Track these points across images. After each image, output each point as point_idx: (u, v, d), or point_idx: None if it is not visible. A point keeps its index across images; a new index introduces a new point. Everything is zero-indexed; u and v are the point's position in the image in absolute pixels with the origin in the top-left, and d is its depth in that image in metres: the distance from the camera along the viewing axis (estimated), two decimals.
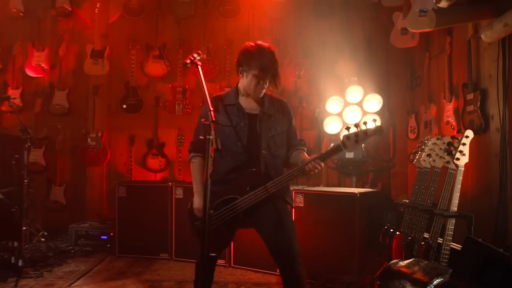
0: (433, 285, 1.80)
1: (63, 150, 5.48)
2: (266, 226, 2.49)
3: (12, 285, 3.48)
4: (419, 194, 2.93)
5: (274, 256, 2.49)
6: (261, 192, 2.42)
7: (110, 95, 5.51)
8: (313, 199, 3.65)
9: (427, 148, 2.92)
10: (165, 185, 4.39)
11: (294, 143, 2.67)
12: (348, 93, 4.58)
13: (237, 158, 2.49)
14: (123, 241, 4.42)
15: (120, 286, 3.51)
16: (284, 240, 2.43)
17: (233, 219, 2.46)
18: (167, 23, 5.50)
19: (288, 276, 2.43)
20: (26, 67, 5.40)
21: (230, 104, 2.58)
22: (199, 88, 5.40)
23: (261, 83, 2.48)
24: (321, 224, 3.54)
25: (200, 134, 2.63)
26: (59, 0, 5.40)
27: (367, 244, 3.40)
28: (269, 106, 2.60)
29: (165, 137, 5.34)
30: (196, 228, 2.60)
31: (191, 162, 2.65)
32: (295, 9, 5.33)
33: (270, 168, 2.52)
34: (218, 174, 2.58)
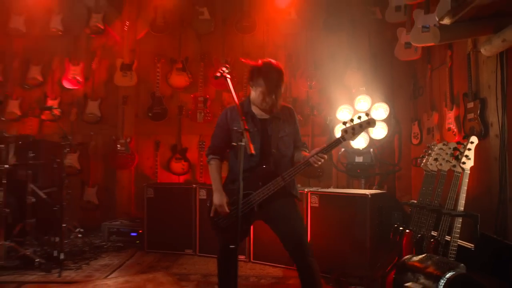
0: (446, 278, 1.83)
1: (95, 154, 5.56)
2: (277, 220, 2.58)
3: (56, 276, 3.57)
4: (426, 195, 2.96)
5: (286, 247, 2.58)
6: (272, 185, 2.50)
7: (138, 105, 5.57)
8: (327, 199, 3.69)
9: (433, 153, 2.95)
10: (189, 187, 4.45)
11: (298, 145, 2.77)
12: (357, 102, 4.61)
13: (251, 159, 2.53)
14: (151, 237, 4.48)
15: (152, 278, 3.56)
16: (294, 232, 2.53)
17: (249, 212, 2.54)
18: (189, 39, 5.57)
19: (301, 266, 2.53)
20: (63, 80, 5.50)
21: (245, 112, 2.66)
22: (218, 97, 5.48)
23: (267, 99, 2.56)
24: (334, 223, 3.58)
25: (217, 139, 2.73)
26: (93, 19, 5.52)
27: (377, 241, 3.43)
28: (278, 112, 2.68)
29: (187, 143, 5.38)
30: (216, 224, 2.67)
31: (210, 163, 2.73)
32: (306, 25, 5.37)
33: (279, 166, 2.61)
34: (234, 174, 2.65)
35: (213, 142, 2.73)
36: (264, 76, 2.54)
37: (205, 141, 5.31)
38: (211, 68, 5.39)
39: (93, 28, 5.54)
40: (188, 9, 5.51)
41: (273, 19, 5.41)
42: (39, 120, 5.58)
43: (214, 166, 2.68)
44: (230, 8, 5.48)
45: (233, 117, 2.63)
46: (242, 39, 5.49)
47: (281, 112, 2.68)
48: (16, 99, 5.55)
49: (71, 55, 5.60)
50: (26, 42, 5.71)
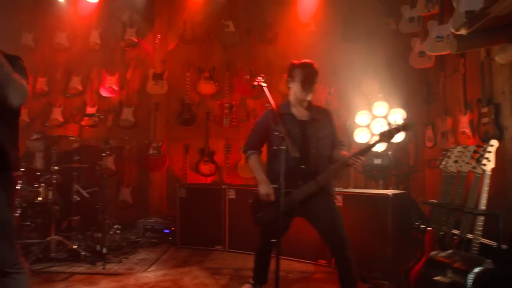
0: (474, 273, 1.85)
1: (130, 157, 5.66)
2: (317, 216, 2.61)
3: (100, 268, 3.67)
4: (446, 195, 2.96)
5: (326, 242, 2.61)
6: (312, 184, 2.54)
7: (168, 111, 5.66)
8: (350, 199, 3.71)
9: (453, 155, 2.96)
10: (219, 187, 4.51)
11: (336, 144, 2.79)
12: (375, 108, 4.63)
13: (291, 160, 2.58)
14: (184, 234, 4.56)
15: (187, 272, 3.63)
16: (333, 228, 2.55)
17: (290, 209, 2.57)
18: (216, 50, 5.64)
19: (341, 260, 2.54)
20: (100, 89, 5.64)
21: (285, 113, 2.71)
22: (243, 104, 5.54)
23: (305, 88, 2.63)
24: (357, 221, 3.59)
25: (255, 137, 2.80)
26: (127, 33, 5.64)
27: (398, 238, 3.44)
28: (316, 113, 2.74)
29: (214, 146, 5.45)
30: (258, 219, 2.72)
31: (250, 158, 2.78)
32: (325, 36, 5.40)
33: (318, 165, 2.64)
34: (273, 174, 2.69)
35: (251, 138, 2.80)
36: (300, 67, 2.68)
37: (231, 144, 5.38)
38: (236, 77, 5.45)
39: (128, 41, 5.66)
40: (214, 22, 5.59)
41: (294, 30, 5.46)
42: (79, 126, 5.72)
43: (254, 159, 2.74)
44: (254, 21, 5.54)
45: (274, 118, 2.68)
46: (265, 49, 5.54)
47: (319, 114, 2.73)
48: (59, 107, 5.71)
49: (107, 66, 5.74)
50: (68, 55, 5.89)
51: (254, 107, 5.46)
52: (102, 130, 5.62)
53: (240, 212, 4.35)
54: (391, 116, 4.53)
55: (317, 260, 3.86)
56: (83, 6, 5.59)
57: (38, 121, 5.72)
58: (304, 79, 2.64)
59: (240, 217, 4.34)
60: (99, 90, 5.65)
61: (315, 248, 3.82)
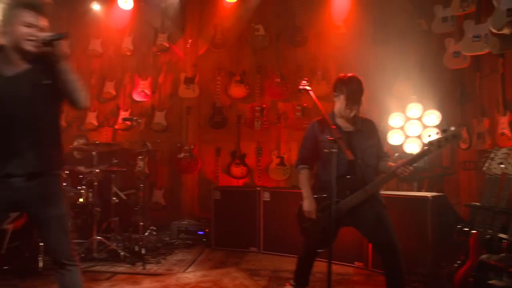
0: None
1: (162, 160, 5.79)
2: (366, 224, 2.60)
3: (140, 268, 3.76)
4: (490, 198, 2.92)
5: (377, 249, 2.61)
6: (360, 194, 2.55)
7: (200, 114, 5.75)
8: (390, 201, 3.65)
9: (497, 157, 2.92)
10: (254, 190, 4.56)
11: (381, 155, 2.79)
12: (408, 110, 4.60)
13: (339, 169, 2.58)
14: (218, 236, 4.63)
15: (226, 273, 3.69)
16: (385, 234, 2.54)
17: (338, 219, 2.59)
18: (246, 53, 5.71)
19: (391, 264, 2.54)
20: (133, 93, 5.78)
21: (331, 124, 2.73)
22: (274, 107, 5.59)
23: (350, 105, 2.64)
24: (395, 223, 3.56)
25: (306, 151, 2.83)
26: (159, 39, 5.78)
27: (438, 241, 3.41)
28: (361, 124, 2.75)
29: (246, 149, 5.51)
30: (305, 229, 2.75)
31: (300, 173, 2.82)
32: (355, 38, 5.38)
33: (364, 175, 2.64)
34: (322, 182, 2.73)
35: (302, 153, 2.84)
36: (346, 83, 2.67)
37: (262, 147, 5.44)
38: (267, 80, 5.51)
39: (159, 47, 5.79)
40: (244, 26, 5.66)
41: (324, 33, 5.47)
42: (113, 129, 5.88)
43: (304, 175, 2.77)
44: (284, 24, 5.58)
45: (320, 129, 2.72)
46: (295, 52, 5.57)
47: (364, 125, 2.75)
48: (94, 111, 5.90)
49: (140, 71, 5.89)
50: (102, 61, 6.08)
51: (284, 110, 5.50)
52: (135, 133, 5.76)
53: (274, 214, 4.39)
54: (425, 118, 4.50)
55: (353, 262, 3.87)
56: (117, 14, 5.75)
57: (74, 125, 5.90)
58: (349, 97, 2.65)
59: (274, 219, 4.38)
60: (132, 94, 5.79)
61: (351, 250, 3.83)
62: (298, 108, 5.37)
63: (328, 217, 2.56)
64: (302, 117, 5.34)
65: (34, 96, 2.01)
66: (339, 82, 2.74)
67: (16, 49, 2.00)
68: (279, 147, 5.43)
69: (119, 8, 5.64)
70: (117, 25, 5.88)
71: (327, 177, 2.68)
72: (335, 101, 2.78)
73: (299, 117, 5.35)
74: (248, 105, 5.53)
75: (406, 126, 4.55)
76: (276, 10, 5.64)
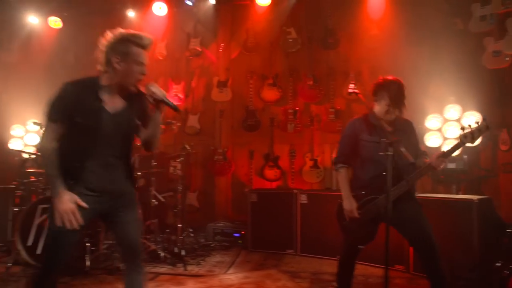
0: None
1: (196, 163, 5.87)
2: (404, 223, 2.61)
3: (181, 269, 3.85)
4: None
5: (415, 247, 2.61)
6: (397, 189, 2.55)
7: (233, 117, 5.81)
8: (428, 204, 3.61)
9: None
10: (291, 192, 4.59)
11: (419, 154, 2.79)
12: (446, 111, 4.55)
13: (378, 167, 2.60)
14: (255, 238, 4.68)
15: (267, 275, 3.73)
16: (422, 232, 2.55)
17: (377, 216, 2.61)
18: (278, 56, 5.75)
19: (430, 264, 2.53)
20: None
21: (372, 124, 2.75)
22: (307, 109, 5.60)
23: (391, 110, 2.65)
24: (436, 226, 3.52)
25: (345, 149, 2.84)
26: (191, 43, 5.89)
27: (485, 245, 3.35)
28: (400, 124, 2.75)
29: (279, 152, 5.53)
30: (345, 227, 2.77)
31: (339, 171, 2.83)
32: (388, 39, 5.34)
33: (402, 173, 2.65)
34: (360, 180, 2.75)
35: (341, 151, 2.85)
36: (386, 88, 2.67)
37: (295, 150, 5.46)
38: (299, 83, 5.53)
39: (192, 51, 5.90)
40: (276, 30, 5.70)
41: (356, 35, 5.46)
42: None
43: (343, 174, 2.79)
44: (315, 27, 5.60)
45: (361, 128, 2.73)
46: (327, 54, 5.57)
47: (403, 125, 2.76)
48: None
49: (173, 75, 6.00)
50: None
51: (317, 112, 5.50)
52: (169, 137, 5.88)
53: (312, 217, 4.41)
54: (464, 119, 4.42)
55: (393, 265, 3.84)
56: (151, 20, 5.88)
57: None
58: (391, 103, 2.65)
59: (312, 221, 4.41)
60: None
61: (391, 253, 3.75)
62: (331, 111, 5.37)
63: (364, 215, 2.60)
64: (335, 119, 5.35)
65: (128, 132, 2.17)
66: (379, 87, 2.73)
67: (119, 86, 2.08)
68: (312, 149, 5.44)
69: (154, 14, 5.78)
70: (151, 31, 6.00)
71: (365, 175, 2.72)
72: (375, 104, 2.78)
73: (333, 120, 5.35)
74: (281, 108, 5.57)
75: (444, 128, 4.49)
76: (308, 13, 5.66)
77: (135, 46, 2.05)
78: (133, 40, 2.05)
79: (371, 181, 2.66)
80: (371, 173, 2.68)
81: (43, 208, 3.89)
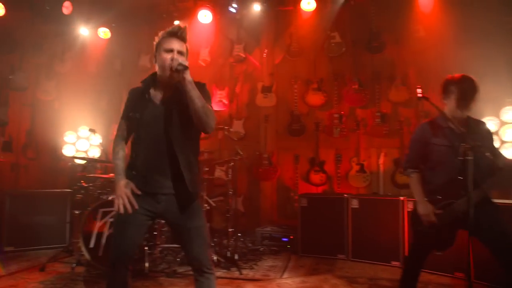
0: None
1: (241, 167, 5.94)
2: (483, 227, 2.52)
3: (237, 273, 3.89)
4: None
5: (496, 254, 2.52)
6: (477, 193, 2.49)
7: (277, 122, 5.86)
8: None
9: None
10: (342, 197, 4.58)
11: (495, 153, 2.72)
12: (503, 113, 4.43)
13: (452, 171, 2.57)
14: (305, 243, 4.68)
15: (324, 279, 3.73)
16: (504, 237, 2.46)
17: (454, 221, 2.56)
18: (322, 61, 5.75)
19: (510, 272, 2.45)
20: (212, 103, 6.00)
21: (443, 126, 2.72)
22: (352, 113, 5.58)
23: (460, 104, 2.61)
24: None
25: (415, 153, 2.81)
26: (235, 50, 5.99)
27: None
28: (473, 125, 2.70)
29: (324, 156, 5.53)
30: (419, 232, 2.74)
31: (411, 176, 2.80)
32: (435, 42, 5.26)
33: (476, 176, 2.59)
34: (433, 185, 2.69)
35: (411, 156, 2.82)
36: (455, 83, 2.66)
37: (341, 154, 5.44)
38: (344, 87, 5.52)
39: (236, 57, 6.01)
40: (320, 34, 5.71)
41: (401, 37, 5.40)
42: None
43: (415, 179, 2.76)
44: (360, 31, 5.58)
45: (431, 132, 2.71)
46: (371, 58, 5.54)
47: (476, 126, 2.71)
48: None
49: (217, 81, 6.12)
50: None
51: (363, 116, 5.48)
52: (214, 142, 6.00)
53: (363, 222, 4.39)
54: None
55: (453, 273, 3.77)
56: (196, 28, 6.03)
57: None
58: (460, 97, 2.62)
59: (364, 226, 4.38)
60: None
61: (451, 261, 3.72)
62: (377, 115, 5.34)
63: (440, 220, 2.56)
64: (381, 123, 5.30)
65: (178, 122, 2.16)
66: (447, 83, 2.72)
67: (161, 77, 2.23)
68: (358, 154, 5.41)
69: (199, 22, 5.92)
70: (196, 38, 6.15)
71: (440, 180, 2.67)
72: (445, 104, 2.76)
73: (379, 124, 5.31)
74: (326, 112, 5.58)
75: (502, 130, 4.37)
76: (352, 17, 5.66)
77: (163, 37, 2.24)
78: (163, 33, 2.25)
79: (446, 186, 2.62)
80: (444, 177, 2.64)
81: (104, 212, 4.04)
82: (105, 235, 3.93)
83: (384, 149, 5.34)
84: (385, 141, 5.33)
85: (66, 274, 3.88)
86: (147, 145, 2.18)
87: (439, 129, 2.71)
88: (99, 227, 4.00)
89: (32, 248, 4.82)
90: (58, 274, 3.89)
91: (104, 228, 3.99)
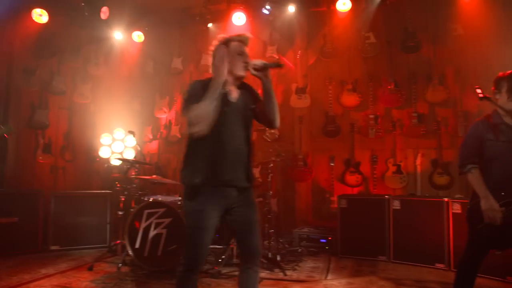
0: None
1: (275, 169, 5.96)
2: None
3: (280, 274, 3.94)
4: None
5: None
6: None
7: (312, 123, 5.86)
8: None
9: None
10: (382, 198, 4.58)
11: None
12: None
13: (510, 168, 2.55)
14: (345, 244, 4.69)
15: (369, 281, 3.74)
16: None
17: None
18: (356, 62, 5.75)
19: None
20: None
21: (499, 123, 2.71)
22: (388, 114, 5.56)
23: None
24: None
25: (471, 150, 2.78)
26: (268, 51, 6.00)
27: None
28: None
29: (360, 157, 5.53)
30: (480, 231, 2.70)
31: (471, 172, 2.74)
32: (474, 39, 5.20)
33: None
34: (494, 183, 2.65)
35: (467, 152, 2.79)
36: (507, 78, 2.67)
37: (377, 155, 5.42)
38: (380, 88, 5.50)
39: (269, 59, 6.02)
40: (354, 35, 5.71)
41: (438, 36, 5.36)
42: None
43: (476, 174, 2.73)
44: (394, 31, 5.56)
45: (486, 129, 2.70)
46: (407, 58, 5.51)
47: None
48: None
49: (250, 83, 6.13)
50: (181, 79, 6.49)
51: (399, 117, 5.45)
52: None
53: (405, 223, 4.38)
54: None
55: (505, 277, 3.71)
56: (229, 30, 6.09)
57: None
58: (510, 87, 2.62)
59: (405, 227, 4.37)
60: None
61: (502, 264, 3.68)
62: (414, 115, 5.31)
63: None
64: (418, 124, 5.27)
65: (247, 118, 2.35)
66: (498, 79, 2.74)
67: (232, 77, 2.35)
68: (395, 154, 5.40)
69: (233, 24, 5.98)
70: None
71: (501, 176, 2.65)
72: (497, 99, 2.75)
73: (416, 124, 5.28)
74: (361, 113, 5.58)
75: None
76: (387, 17, 5.64)
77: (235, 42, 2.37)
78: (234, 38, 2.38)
79: (505, 184, 2.61)
80: (504, 174, 2.63)
81: (149, 213, 4.14)
82: (150, 236, 4.02)
83: (421, 150, 5.30)
84: (422, 141, 5.30)
85: (114, 274, 3.98)
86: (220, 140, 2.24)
87: (494, 125, 2.70)
88: (144, 228, 4.10)
89: (75, 247, 4.98)
90: (106, 274, 4.00)
91: (150, 229, 4.08)
